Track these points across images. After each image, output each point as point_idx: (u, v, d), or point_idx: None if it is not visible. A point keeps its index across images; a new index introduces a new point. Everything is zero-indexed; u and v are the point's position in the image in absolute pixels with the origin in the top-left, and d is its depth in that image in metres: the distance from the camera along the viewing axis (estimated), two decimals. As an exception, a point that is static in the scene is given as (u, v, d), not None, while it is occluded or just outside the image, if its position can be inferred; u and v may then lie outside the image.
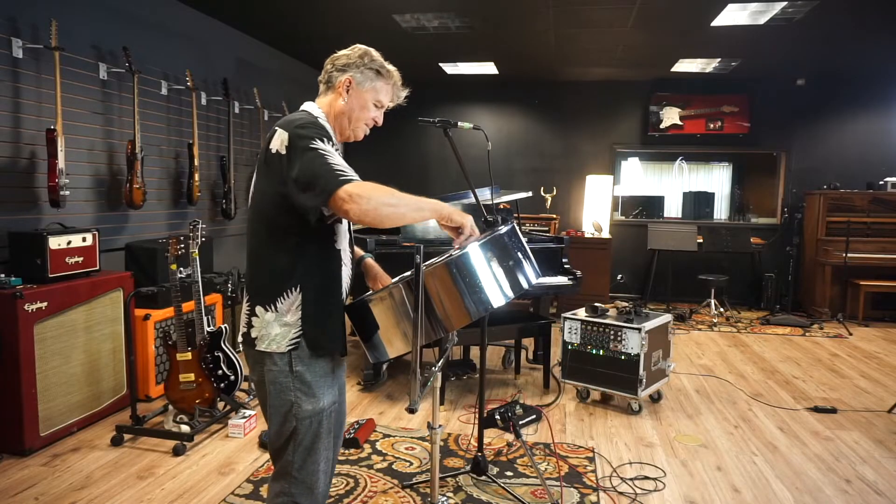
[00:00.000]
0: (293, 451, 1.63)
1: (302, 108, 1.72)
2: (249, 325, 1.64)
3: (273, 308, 1.60)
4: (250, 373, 1.73)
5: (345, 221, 1.69)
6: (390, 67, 1.74)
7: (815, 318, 6.46)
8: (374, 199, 1.46)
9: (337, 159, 1.53)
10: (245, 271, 1.73)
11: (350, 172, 1.51)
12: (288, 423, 1.62)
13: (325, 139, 1.55)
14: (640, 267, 7.43)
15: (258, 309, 1.62)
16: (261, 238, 1.64)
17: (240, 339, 1.70)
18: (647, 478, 2.88)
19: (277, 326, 1.60)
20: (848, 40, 5.47)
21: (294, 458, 1.63)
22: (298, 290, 1.59)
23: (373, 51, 1.73)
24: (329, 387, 1.66)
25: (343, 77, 1.69)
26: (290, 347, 1.59)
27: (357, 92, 1.69)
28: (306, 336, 1.60)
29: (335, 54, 1.74)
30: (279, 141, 1.55)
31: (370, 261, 1.92)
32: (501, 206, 4.85)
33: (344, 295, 1.70)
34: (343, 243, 1.69)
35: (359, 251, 1.91)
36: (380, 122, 1.78)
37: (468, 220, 1.61)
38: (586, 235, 6.72)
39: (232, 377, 3.40)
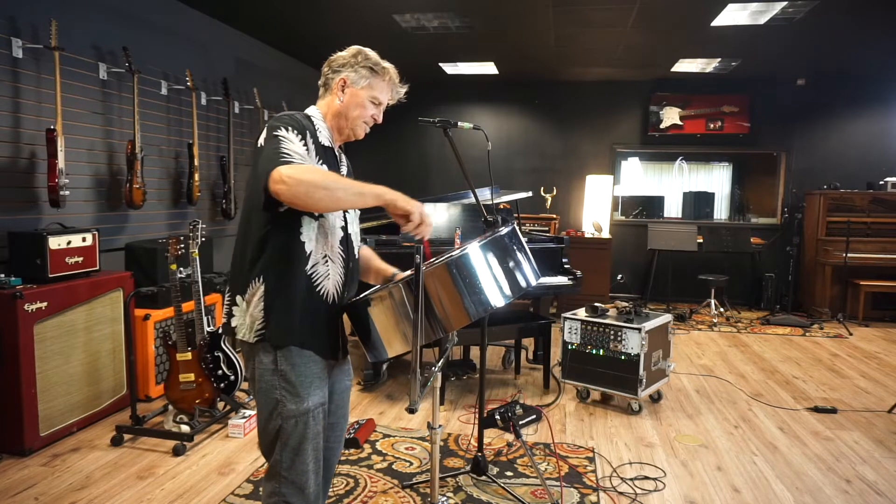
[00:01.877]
0: (280, 451, 1.63)
1: (305, 111, 1.74)
2: (230, 315, 1.66)
3: (243, 297, 1.62)
4: (245, 368, 1.74)
5: (330, 215, 1.66)
6: (386, 64, 1.74)
7: (816, 318, 6.46)
8: (305, 182, 1.44)
9: (292, 146, 1.52)
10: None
11: (296, 157, 1.49)
12: (273, 422, 1.63)
13: (292, 129, 1.56)
14: (640, 267, 7.43)
15: (237, 297, 1.65)
16: (242, 228, 1.67)
17: (220, 330, 1.72)
18: (647, 478, 2.88)
19: (247, 316, 1.62)
20: (848, 40, 5.47)
21: (282, 457, 1.63)
22: (261, 280, 1.59)
23: (367, 50, 1.74)
24: (317, 388, 1.65)
25: (338, 77, 1.71)
26: (256, 338, 1.60)
27: (352, 90, 1.70)
28: (268, 328, 1.59)
29: (331, 56, 1.75)
30: (262, 135, 1.59)
31: (366, 250, 1.91)
32: (501, 207, 4.85)
33: (325, 291, 1.65)
34: (317, 236, 1.63)
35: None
36: (379, 119, 1.78)
37: (416, 208, 1.55)
38: (586, 235, 6.72)
39: (232, 377, 3.40)
